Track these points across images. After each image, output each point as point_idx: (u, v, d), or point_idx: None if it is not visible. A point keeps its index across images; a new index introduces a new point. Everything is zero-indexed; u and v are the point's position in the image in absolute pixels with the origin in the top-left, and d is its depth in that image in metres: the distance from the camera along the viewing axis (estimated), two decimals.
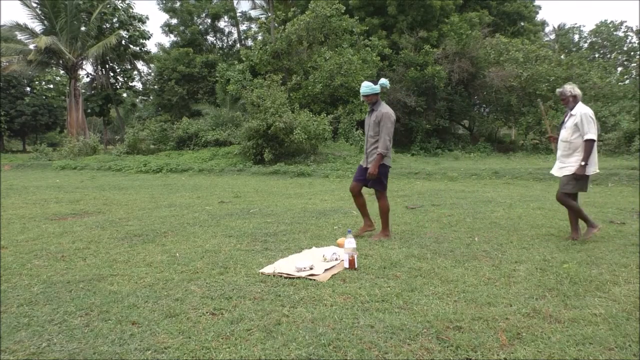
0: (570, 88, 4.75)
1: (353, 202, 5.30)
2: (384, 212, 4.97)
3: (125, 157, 19.71)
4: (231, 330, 2.64)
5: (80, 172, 16.78)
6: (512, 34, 25.69)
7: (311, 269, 3.73)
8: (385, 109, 4.83)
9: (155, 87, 31.16)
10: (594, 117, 4.66)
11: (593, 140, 4.55)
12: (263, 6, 28.68)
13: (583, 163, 4.57)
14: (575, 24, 50.30)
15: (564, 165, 4.78)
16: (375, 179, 4.88)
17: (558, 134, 4.95)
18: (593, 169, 4.65)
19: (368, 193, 5.76)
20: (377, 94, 4.84)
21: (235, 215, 6.62)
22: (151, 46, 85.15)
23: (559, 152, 4.86)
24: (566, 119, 4.82)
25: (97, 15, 27.14)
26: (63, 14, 24.98)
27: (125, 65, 33.42)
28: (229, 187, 10.81)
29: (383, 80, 4.82)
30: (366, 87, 4.80)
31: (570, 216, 4.92)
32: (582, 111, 4.65)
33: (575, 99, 4.74)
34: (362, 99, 4.97)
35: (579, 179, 4.65)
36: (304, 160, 15.71)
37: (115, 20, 30.31)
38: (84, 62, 28.22)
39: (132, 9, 31.44)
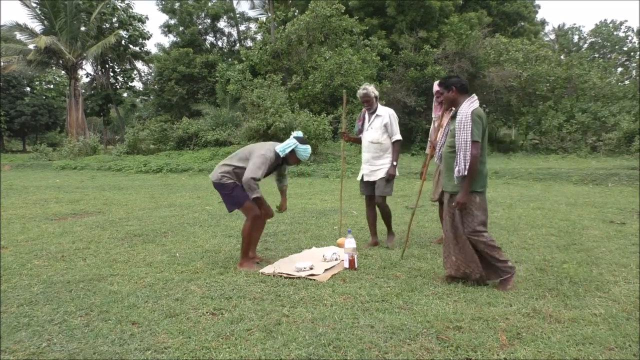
0: (372, 89, 4.65)
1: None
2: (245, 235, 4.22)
3: (125, 157, 19.71)
4: (231, 330, 2.63)
5: (80, 172, 16.77)
6: (512, 34, 25.67)
7: (311, 269, 3.74)
8: None
9: (155, 87, 31.14)
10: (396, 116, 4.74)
11: (401, 141, 4.66)
12: (262, 6, 28.66)
13: (395, 163, 4.58)
14: (574, 24, 50.18)
15: (377, 168, 4.61)
16: None
17: (349, 133, 4.97)
18: (397, 169, 4.68)
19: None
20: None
21: (235, 215, 6.61)
22: (151, 46, 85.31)
23: (367, 155, 4.66)
24: (371, 119, 4.65)
25: (97, 15, 27.14)
26: (63, 14, 24.97)
27: (125, 65, 33.43)
28: None
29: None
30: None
31: (373, 221, 4.78)
32: (388, 112, 4.65)
33: (376, 100, 4.71)
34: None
35: (391, 180, 4.59)
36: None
37: (114, 20, 30.33)
38: (84, 62, 28.26)
39: (132, 8, 31.46)
